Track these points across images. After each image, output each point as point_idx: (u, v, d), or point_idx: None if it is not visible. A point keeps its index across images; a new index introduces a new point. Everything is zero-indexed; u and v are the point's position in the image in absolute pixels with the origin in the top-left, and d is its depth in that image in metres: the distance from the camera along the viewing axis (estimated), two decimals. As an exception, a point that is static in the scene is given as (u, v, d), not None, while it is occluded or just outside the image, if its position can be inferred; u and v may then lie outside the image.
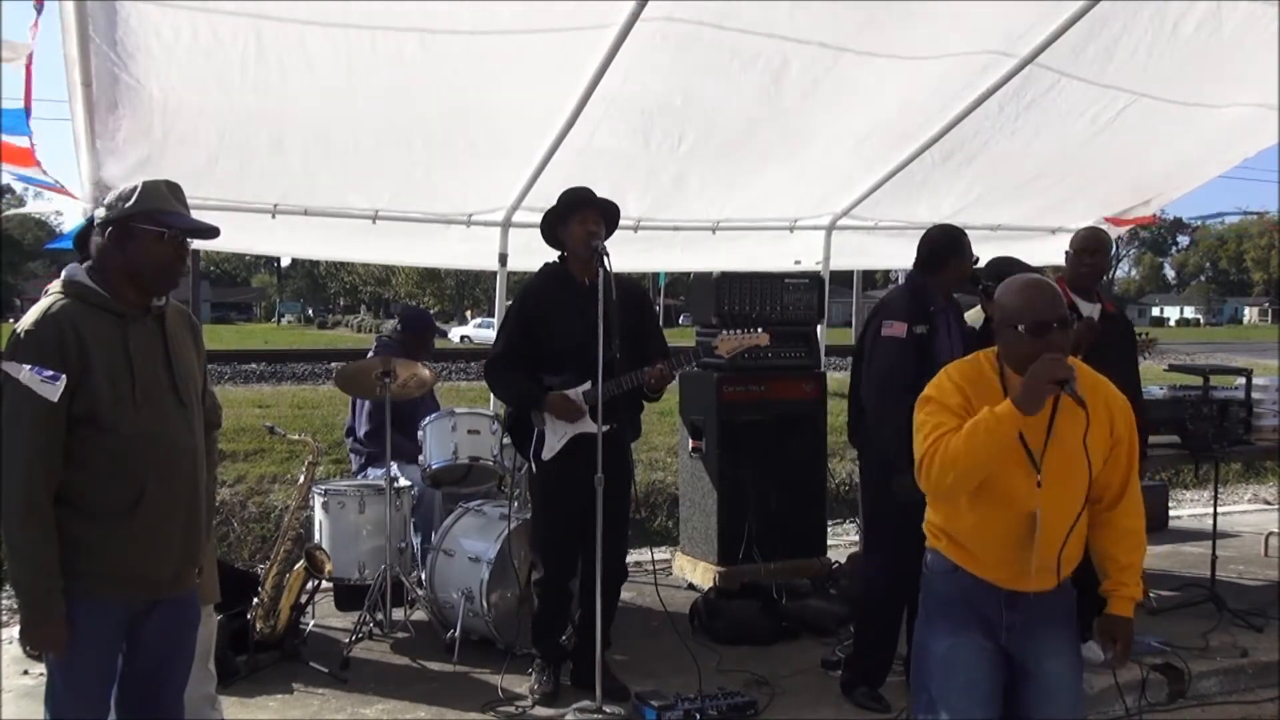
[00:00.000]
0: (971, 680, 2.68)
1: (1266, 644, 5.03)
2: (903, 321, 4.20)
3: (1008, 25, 5.06)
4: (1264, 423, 6.04)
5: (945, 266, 4.29)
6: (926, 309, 4.24)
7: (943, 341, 4.23)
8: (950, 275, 4.31)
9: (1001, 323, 2.62)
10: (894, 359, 4.18)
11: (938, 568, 2.77)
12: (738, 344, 4.22)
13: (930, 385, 2.70)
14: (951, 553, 2.73)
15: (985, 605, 2.68)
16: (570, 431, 4.23)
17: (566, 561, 4.34)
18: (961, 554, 2.71)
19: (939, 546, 2.77)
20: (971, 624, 2.69)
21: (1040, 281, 2.66)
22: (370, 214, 5.72)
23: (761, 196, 6.38)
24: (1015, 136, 6.00)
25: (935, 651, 2.73)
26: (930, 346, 4.17)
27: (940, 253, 4.31)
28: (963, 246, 4.33)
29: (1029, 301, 2.58)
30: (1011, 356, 2.61)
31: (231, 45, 4.32)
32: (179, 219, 2.68)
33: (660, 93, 5.16)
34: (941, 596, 2.75)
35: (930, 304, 4.26)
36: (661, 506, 7.99)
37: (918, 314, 4.22)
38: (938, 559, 2.77)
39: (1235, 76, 5.50)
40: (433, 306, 44.56)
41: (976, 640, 2.68)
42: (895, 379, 4.14)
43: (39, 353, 2.50)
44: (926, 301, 4.27)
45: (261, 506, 7.47)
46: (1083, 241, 4.77)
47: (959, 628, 2.69)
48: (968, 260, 4.33)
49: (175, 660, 2.81)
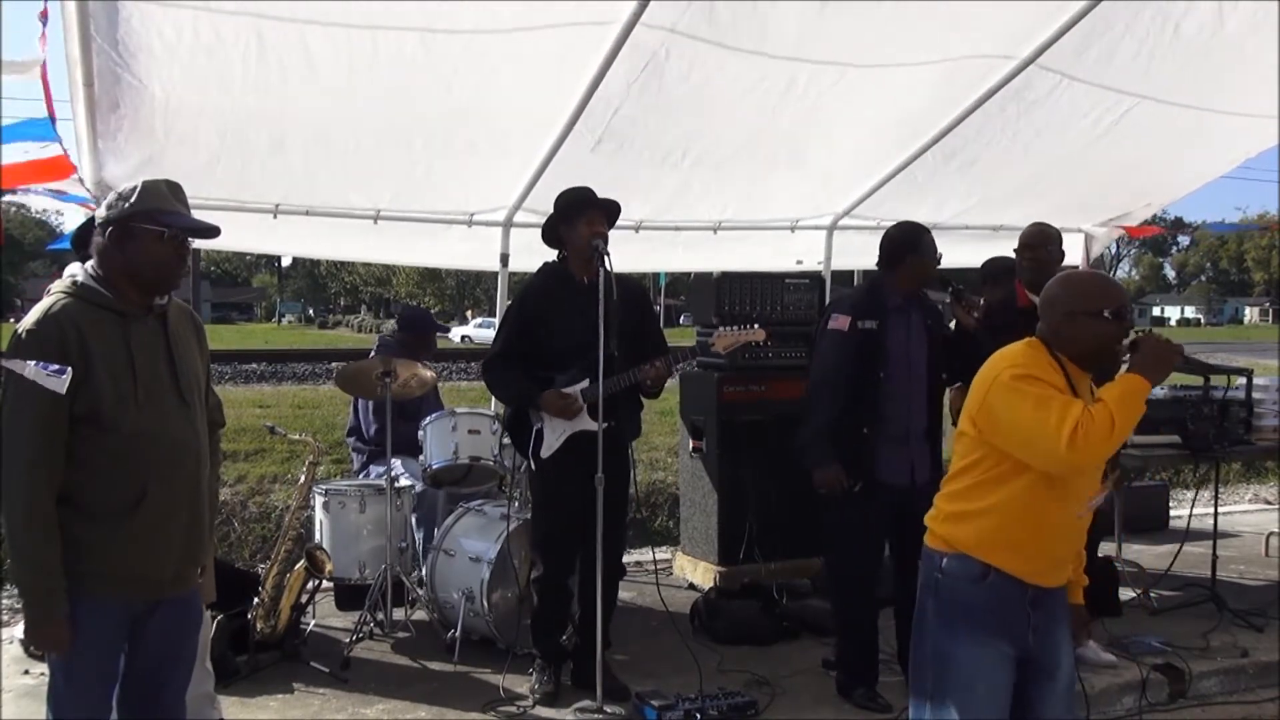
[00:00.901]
0: (993, 689, 2.68)
1: (1267, 644, 5.03)
2: (847, 315, 4.25)
3: (1009, 27, 5.07)
4: (1264, 423, 6.04)
5: (902, 263, 4.29)
6: (880, 305, 4.26)
7: (897, 338, 4.23)
8: (908, 272, 4.28)
9: (1074, 311, 2.66)
10: (832, 352, 4.25)
11: (964, 574, 2.70)
12: (734, 340, 4.24)
13: (1024, 363, 2.65)
14: (984, 550, 2.68)
15: (1013, 608, 2.67)
16: (568, 429, 4.23)
17: (565, 559, 4.34)
18: (999, 550, 2.66)
19: (964, 548, 2.70)
20: (997, 631, 2.67)
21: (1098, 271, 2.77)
22: (372, 214, 5.72)
23: (763, 198, 6.39)
24: (1016, 138, 6.00)
25: (958, 659, 2.69)
26: (880, 342, 4.19)
27: (898, 250, 4.30)
28: (922, 244, 4.29)
29: (1108, 288, 2.73)
30: (1088, 341, 2.65)
31: (233, 45, 4.32)
32: (179, 218, 2.67)
33: (663, 104, 5.16)
34: (966, 603, 2.69)
35: (885, 300, 4.27)
36: (662, 506, 7.98)
37: (868, 309, 4.24)
38: (961, 564, 2.70)
39: (1237, 78, 5.50)
40: (433, 306, 44.51)
41: (1001, 649, 2.68)
42: (832, 373, 4.24)
43: (41, 351, 2.50)
44: (881, 298, 4.28)
45: (262, 506, 7.46)
46: (1023, 238, 4.79)
47: (985, 635, 2.67)
48: (927, 258, 4.28)
49: (177, 660, 2.81)
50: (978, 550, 2.68)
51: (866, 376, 4.19)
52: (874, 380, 4.19)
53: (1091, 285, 2.74)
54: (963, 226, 6.98)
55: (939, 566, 2.75)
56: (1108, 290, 2.71)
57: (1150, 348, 2.62)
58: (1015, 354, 2.70)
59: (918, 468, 4.21)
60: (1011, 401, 2.60)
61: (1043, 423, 2.53)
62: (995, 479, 2.67)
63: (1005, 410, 2.62)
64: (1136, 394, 2.56)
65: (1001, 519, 2.66)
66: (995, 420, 2.64)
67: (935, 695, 2.74)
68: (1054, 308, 2.71)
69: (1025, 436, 2.58)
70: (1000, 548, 2.67)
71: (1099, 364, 2.72)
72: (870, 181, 6.44)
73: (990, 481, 2.67)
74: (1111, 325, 2.65)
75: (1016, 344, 2.76)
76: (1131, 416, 2.54)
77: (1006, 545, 2.67)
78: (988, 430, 2.66)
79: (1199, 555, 5.92)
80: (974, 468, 2.71)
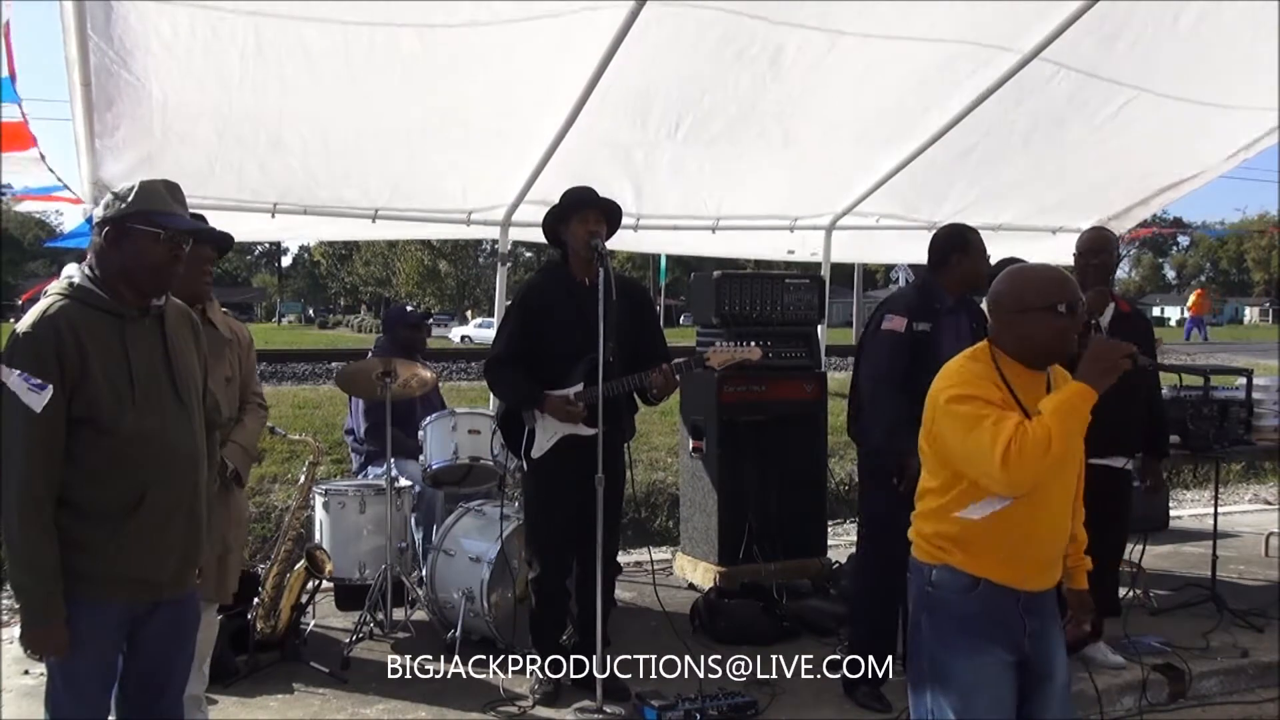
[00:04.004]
0: (996, 699, 2.64)
1: (1267, 644, 5.03)
2: (902, 316, 4.19)
3: (1008, 21, 5.05)
4: (1264, 423, 6.04)
5: (948, 264, 4.27)
6: (931, 307, 4.23)
7: (947, 341, 4.17)
8: (955, 274, 4.26)
9: (1028, 307, 2.59)
10: (890, 353, 4.19)
11: (952, 585, 2.64)
12: (729, 357, 4.24)
13: (959, 382, 2.59)
14: (972, 564, 2.62)
15: (1007, 615, 2.62)
16: (560, 431, 4.23)
17: (561, 560, 4.34)
18: (986, 562, 2.61)
19: (951, 561, 2.65)
20: (994, 640, 2.63)
21: (1050, 265, 2.70)
22: (370, 212, 5.72)
23: (761, 194, 6.37)
24: (1016, 133, 5.99)
25: (957, 671, 2.65)
26: (932, 345, 4.14)
27: (944, 250, 4.29)
28: (969, 244, 4.27)
29: (1060, 281, 2.61)
30: (1041, 338, 2.58)
31: (230, 42, 4.32)
32: (175, 220, 2.65)
33: (655, 78, 5.13)
34: (958, 614, 2.64)
35: (936, 302, 4.25)
36: (662, 506, 7.97)
37: (921, 311, 4.21)
38: (951, 576, 2.64)
39: (1236, 73, 5.49)
40: (433, 306, 44.55)
41: (1000, 656, 2.63)
42: (890, 373, 4.17)
43: (35, 354, 2.48)
44: (932, 299, 4.26)
45: (262, 506, 7.45)
46: (1086, 243, 4.82)
47: (981, 645, 2.63)
48: (975, 258, 4.25)
49: (176, 661, 2.80)
50: (964, 563, 2.64)
51: (919, 379, 4.16)
52: (926, 383, 4.16)
53: (1043, 279, 2.62)
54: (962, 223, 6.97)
55: (929, 579, 2.69)
56: (1060, 284, 2.60)
57: (1094, 352, 2.51)
58: (951, 372, 2.66)
59: None
60: (949, 424, 2.56)
61: (977, 443, 2.47)
62: (966, 495, 2.60)
63: (946, 433, 2.58)
64: (1077, 403, 2.46)
65: (982, 532, 2.60)
66: (941, 443, 2.61)
67: (936, 709, 2.69)
68: (1003, 304, 2.65)
69: (964, 457, 2.54)
70: (985, 559, 2.62)
71: (1054, 361, 2.65)
72: (869, 180, 6.43)
73: (962, 497, 2.61)
74: (1065, 320, 2.56)
75: (956, 358, 2.71)
76: (1072, 427, 2.45)
77: (992, 557, 2.61)
78: (938, 452, 2.63)
79: (1199, 555, 5.91)
80: (944, 488, 2.65)
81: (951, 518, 2.64)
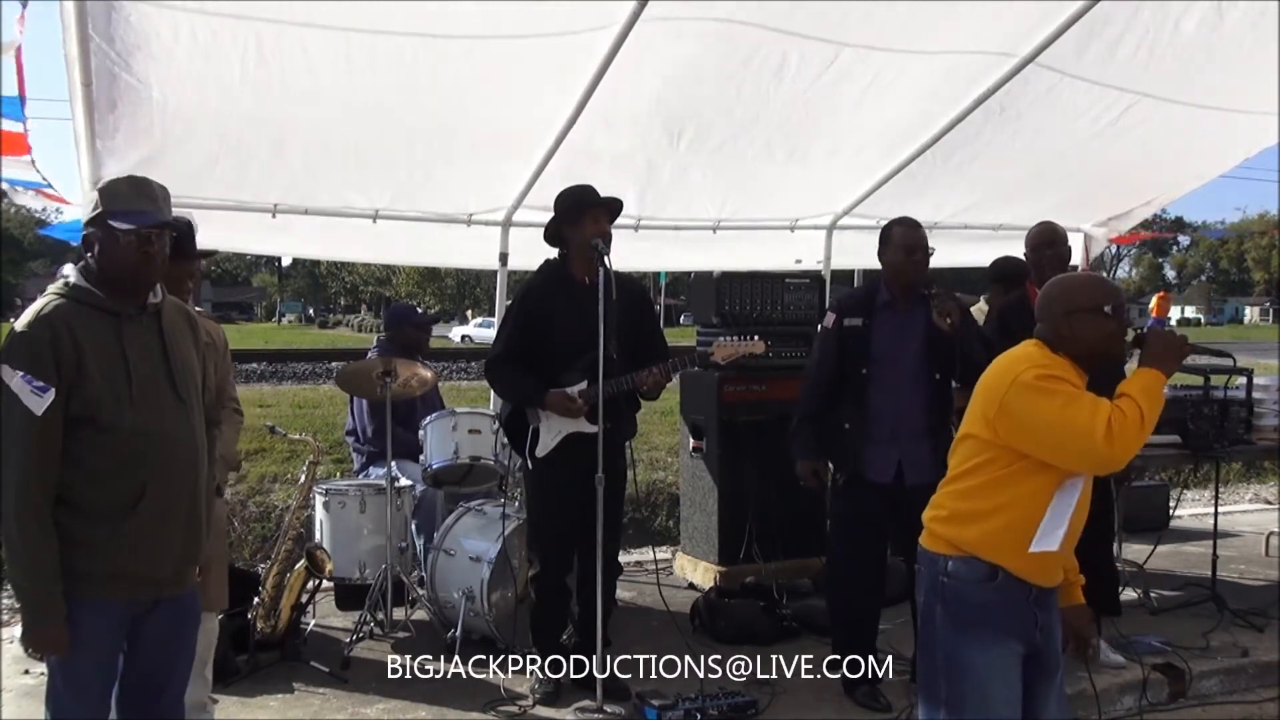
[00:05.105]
0: (1012, 690, 2.67)
1: (1267, 644, 5.03)
2: (833, 313, 4.36)
3: (1008, 25, 5.06)
4: (1265, 422, 6.03)
5: (881, 260, 4.30)
6: (870, 302, 4.28)
7: (884, 336, 4.20)
8: (886, 269, 4.26)
9: (1077, 308, 2.67)
10: (818, 348, 4.41)
11: (970, 576, 2.66)
12: (733, 351, 4.25)
13: (1041, 363, 2.63)
14: (993, 554, 2.64)
15: (1020, 608, 2.66)
16: (564, 429, 4.23)
17: (562, 558, 4.34)
18: (1009, 554, 2.63)
19: (974, 551, 2.66)
20: (1009, 632, 2.66)
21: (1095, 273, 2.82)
22: (370, 214, 5.72)
23: (762, 196, 6.38)
24: (1016, 137, 6.00)
25: (972, 662, 2.67)
26: (863, 339, 4.21)
27: (879, 246, 4.32)
28: (889, 237, 4.23)
29: (1105, 285, 2.78)
30: (1090, 339, 2.67)
31: (231, 47, 4.32)
32: (138, 217, 2.59)
33: (659, 88, 5.15)
34: (976, 605, 2.66)
35: (876, 298, 4.28)
36: (662, 506, 7.97)
37: (856, 307, 4.30)
38: (969, 567, 2.66)
39: (1236, 76, 5.49)
40: (433, 306, 44.55)
41: (1014, 648, 2.67)
42: (814, 367, 4.40)
43: (32, 354, 2.48)
44: (874, 295, 4.30)
45: (262, 506, 7.46)
46: (1038, 236, 4.73)
47: (998, 637, 2.66)
48: (892, 251, 4.19)
49: (176, 660, 2.80)
50: (985, 551, 2.65)
51: (851, 373, 4.22)
52: (858, 377, 4.20)
53: (1089, 283, 2.78)
54: (962, 226, 6.98)
55: (944, 570, 2.70)
56: (1105, 287, 2.75)
57: (1158, 340, 2.66)
58: (1032, 354, 2.68)
59: (907, 468, 4.12)
60: (1037, 402, 2.56)
61: (1074, 420, 2.50)
62: (1003, 480, 2.63)
63: (1030, 411, 2.57)
64: (1156, 386, 2.59)
65: (1009, 520, 2.63)
66: (1017, 422, 2.59)
67: (950, 701, 2.70)
68: (1053, 308, 2.72)
69: (1057, 437, 2.54)
70: (1008, 548, 2.64)
71: (1102, 362, 2.71)
72: (869, 182, 6.44)
73: (997, 483, 2.64)
74: (1112, 321, 2.68)
75: (1024, 345, 2.74)
76: (1156, 408, 2.56)
77: (1014, 546, 2.64)
78: (1007, 433, 2.61)
79: (1199, 555, 5.91)
80: (979, 470, 2.67)
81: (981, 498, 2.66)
